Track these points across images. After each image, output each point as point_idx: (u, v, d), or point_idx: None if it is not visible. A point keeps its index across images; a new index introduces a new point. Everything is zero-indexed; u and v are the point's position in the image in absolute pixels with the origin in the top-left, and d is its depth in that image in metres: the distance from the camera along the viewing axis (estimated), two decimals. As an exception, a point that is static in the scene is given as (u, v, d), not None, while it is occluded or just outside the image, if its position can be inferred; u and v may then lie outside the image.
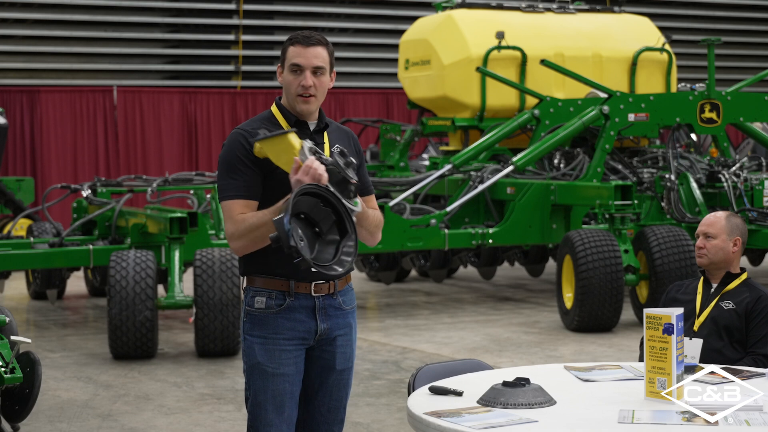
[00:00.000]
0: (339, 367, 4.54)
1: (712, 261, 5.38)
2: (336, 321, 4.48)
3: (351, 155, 4.37)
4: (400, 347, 10.56)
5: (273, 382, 4.40)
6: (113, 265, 10.07)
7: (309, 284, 4.40)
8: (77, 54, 19.59)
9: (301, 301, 4.40)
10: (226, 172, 4.40)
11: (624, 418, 3.67)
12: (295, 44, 4.45)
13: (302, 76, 4.41)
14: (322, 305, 4.44)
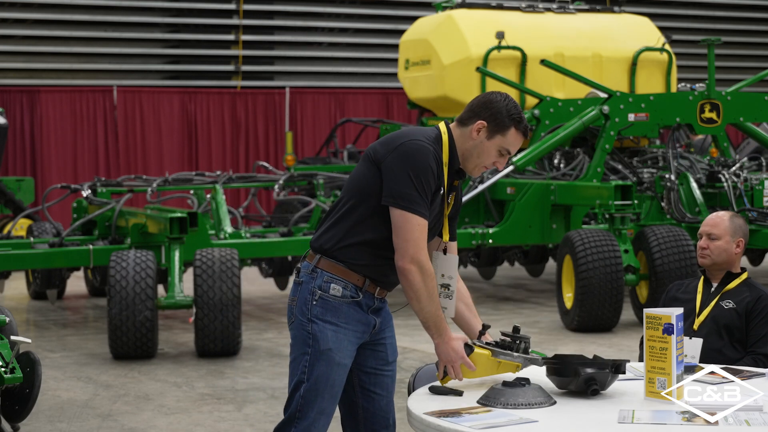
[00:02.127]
0: (391, 358, 4.61)
1: (715, 262, 5.37)
2: (383, 315, 4.57)
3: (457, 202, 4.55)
4: (400, 347, 10.45)
5: (336, 371, 4.40)
6: (113, 265, 10.06)
7: (376, 287, 4.47)
8: (77, 54, 19.60)
9: (366, 299, 4.44)
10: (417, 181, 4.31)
11: (624, 418, 3.67)
12: (520, 132, 4.42)
13: (502, 160, 4.42)
14: (378, 306, 4.51)
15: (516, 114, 4.36)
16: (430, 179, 4.29)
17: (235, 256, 10.40)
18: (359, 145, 17.35)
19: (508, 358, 4.05)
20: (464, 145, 4.38)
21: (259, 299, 13.73)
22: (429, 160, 4.28)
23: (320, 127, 20.26)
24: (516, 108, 4.39)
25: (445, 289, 4.48)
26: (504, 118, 4.35)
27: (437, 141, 4.37)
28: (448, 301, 4.47)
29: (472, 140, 4.37)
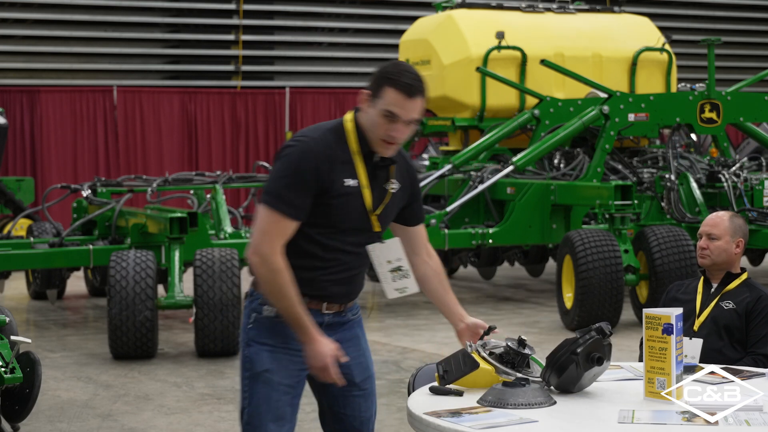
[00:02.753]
0: (358, 379, 4.42)
1: (715, 262, 5.37)
2: (342, 334, 4.35)
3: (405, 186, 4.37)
4: (400, 347, 10.56)
5: (277, 392, 4.24)
6: (113, 265, 10.06)
7: (321, 302, 4.29)
8: (77, 54, 19.60)
9: (313, 316, 4.21)
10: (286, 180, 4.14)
11: (624, 418, 3.67)
12: (398, 90, 4.11)
13: (394, 126, 4.14)
14: (330, 321, 4.32)
15: (393, 73, 4.12)
16: (307, 177, 4.10)
17: (235, 256, 10.40)
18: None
19: (511, 377, 4.02)
20: (364, 125, 4.20)
21: (259, 299, 13.68)
22: (303, 159, 4.11)
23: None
24: (396, 68, 4.15)
25: (398, 271, 4.40)
26: (380, 79, 4.12)
27: (334, 133, 4.21)
28: (405, 280, 4.42)
29: (366, 114, 4.18)
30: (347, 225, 4.24)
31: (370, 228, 4.30)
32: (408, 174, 4.42)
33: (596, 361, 3.95)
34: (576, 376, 3.96)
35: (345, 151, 4.20)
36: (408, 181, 4.41)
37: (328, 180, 4.15)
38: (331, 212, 4.19)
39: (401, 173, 4.38)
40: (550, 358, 4.00)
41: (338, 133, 4.22)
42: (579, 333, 4.00)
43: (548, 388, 3.99)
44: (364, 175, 4.24)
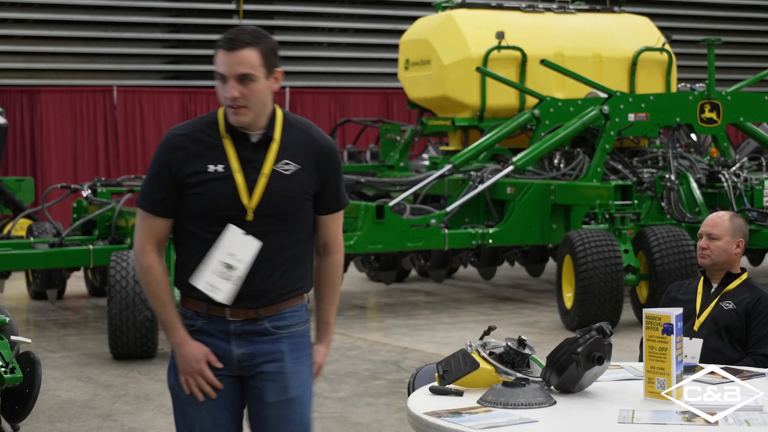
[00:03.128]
0: (270, 399, 4.01)
1: (715, 262, 5.37)
2: (260, 347, 3.99)
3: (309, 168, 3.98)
4: (400, 347, 10.57)
5: (188, 409, 4.01)
6: (113, 265, 10.07)
7: (223, 308, 3.96)
8: (77, 54, 19.59)
9: (216, 324, 3.97)
10: (148, 176, 4.03)
11: (624, 418, 3.67)
12: (219, 48, 3.91)
13: (226, 87, 3.89)
14: (240, 330, 3.98)
15: (222, 37, 3.94)
16: (163, 170, 3.93)
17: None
18: (359, 145, 17.36)
19: (511, 377, 4.02)
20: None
21: (259, 299, 13.69)
22: (161, 152, 3.97)
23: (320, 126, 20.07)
24: (228, 33, 3.94)
25: (229, 269, 3.92)
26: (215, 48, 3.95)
27: (207, 120, 4.03)
28: (224, 282, 3.93)
29: None
30: (220, 214, 3.94)
31: (243, 217, 3.94)
32: (315, 155, 4.03)
33: (596, 361, 3.95)
34: (576, 376, 3.96)
35: (214, 136, 3.97)
36: (314, 162, 4.02)
37: (186, 169, 3.93)
38: (200, 202, 3.93)
39: (302, 153, 4.00)
40: (550, 358, 4.00)
41: (210, 119, 4.02)
42: (579, 333, 4.00)
43: (548, 388, 3.99)
44: (235, 158, 3.96)
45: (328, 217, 4.11)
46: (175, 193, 3.95)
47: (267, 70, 3.92)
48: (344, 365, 9.78)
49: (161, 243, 4.02)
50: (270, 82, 3.94)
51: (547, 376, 3.99)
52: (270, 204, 3.94)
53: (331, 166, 4.05)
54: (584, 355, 3.93)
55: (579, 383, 3.99)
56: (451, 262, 14.14)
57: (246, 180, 3.93)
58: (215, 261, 3.91)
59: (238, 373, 4.00)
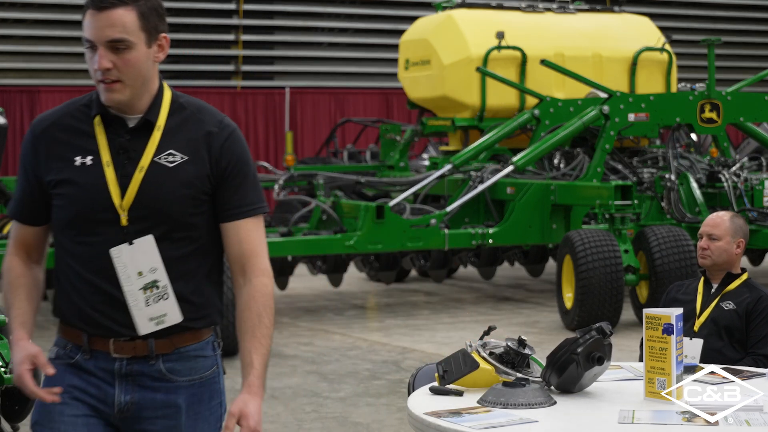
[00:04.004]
0: None
1: (716, 262, 5.37)
2: (151, 396, 3.23)
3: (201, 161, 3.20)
4: (400, 347, 10.57)
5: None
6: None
7: (107, 340, 3.20)
8: (77, 54, 19.57)
9: (99, 361, 3.21)
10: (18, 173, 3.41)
11: (624, 418, 3.66)
12: (87, 9, 3.14)
13: (95, 57, 3.14)
14: (127, 370, 3.21)
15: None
16: (25, 166, 3.35)
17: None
18: (359, 145, 17.35)
19: (511, 377, 4.01)
20: None
21: (259, 299, 13.68)
22: (23, 143, 3.39)
23: (320, 127, 20.26)
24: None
25: (153, 289, 3.19)
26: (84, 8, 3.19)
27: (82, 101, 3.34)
28: (163, 303, 3.20)
29: None
30: (89, 219, 3.18)
31: (117, 221, 3.16)
32: (208, 143, 3.24)
33: (596, 361, 3.94)
34: (576, 376, 3.95)
35: (85, 121, 3.25)
36: (206, 152, 3.22)
37: (47, 163, 3.26)
38: (64, 205, 3.21)
39: (192, 141, 3.22)
40: (550, 358, 3.99)
41: (84, 100, 3.31)
42: (579, 333, 3.99)
43: (548, 388, 3.98)
44: (106, 147, 3.19)
45: (235, 226, 3.26)
46: (37, 197, 3.28)
47: (148, 34, 3.14)
48: (344, 365, 9.78)
49: (32, 249, 3.32)
50: (153, 50, 3.17)
51: (547, 377, 3.98)
52: (147, 204, 3.16)
53: (229, 155, 3.25)
54: (584, 355, 3.91)
55: (579, 383, 3.98)
56: (451, 262, 14.14)
57: (118, 174, 3.17)
58: (135, 294, 3.18)
59: (117, 423, 3.24)
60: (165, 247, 3.17)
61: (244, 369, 3.31)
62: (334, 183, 13.53)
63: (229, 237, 3.26)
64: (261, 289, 3.29)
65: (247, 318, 3.30)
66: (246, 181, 3.27)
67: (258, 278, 3.29)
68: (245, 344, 3.30)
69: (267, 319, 3.30)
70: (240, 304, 3.30)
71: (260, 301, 3.29)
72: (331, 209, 12.57)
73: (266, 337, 3.31)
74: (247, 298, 3.29)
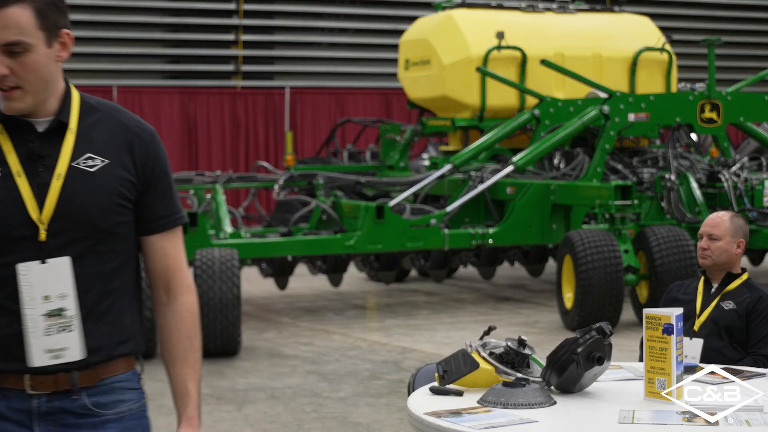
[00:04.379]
0: None
1: (716, 262, 5.37)
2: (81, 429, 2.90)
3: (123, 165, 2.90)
4: (400, 347, 10.58)
5: None
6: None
7: (21, 377, 2.85)
8: (77, 54, 19.56)
9: (12, 401, 2.85)
10: None
11: (624, 418, 3.67)
12: None
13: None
14: (47, 408, 2.87)
15: None
16: None
17: (235, 256, 10.43)
18: (359, 145, 17.37)
19: (511, 377, 4.01)
20: None
21: (258, 299, 13.75)
22: None
23: (320, 127, 20.28)
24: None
25: (58, 317, 2.83)
26: None
27: None
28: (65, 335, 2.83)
29: None
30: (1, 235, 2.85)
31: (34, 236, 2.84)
32: (129, 145, 2.94)
33: (597, 361, 3.94)
34: (576, 376, 3.96)
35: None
36: (128, 155, 2.93)
37: None
38: None
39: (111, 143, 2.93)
40: (550, 358, 4.00)
41: None
42: (579, 333, 3.99)
43: (548, 388, 3.98)
44: (14, 156, 2.87)
45: (160, 238, 2.99)
46: None
47: (47, 33, 2.83)
48: (344, 365, 9.80)
49: None
50: (54, 49, 2.86)
51: (547, 376, 3.98)
52: (70, 215, 2.85)
53: (155, 159, 2.97)
54: (584, 355, 3.92)
55: (579, 383, 3.99)
56: (451, 262, 14.17)
57: (33, 184, 2.85)
58: (36, 320, 2.81)
59: None
60: (89, 263, 2.86)
61: (180, 399, 3.09)
62: (334, 183, 13.55)
63: (153, 250, 2.99)
64: (189, 308, 3.02)
65: (177, 342, 3.05)
66: (170, 187, 3.00)
67: (184, 296, 3.02)
68: (178, 371, 3.08)
69: (197, 341, 3.07)
70: (166, 324, 3.04)
71: (189, 322, 3.03)
72: (331, 209, 12.60)
73: (198, 361, 3.09)
74: (176, 319, 3.02)
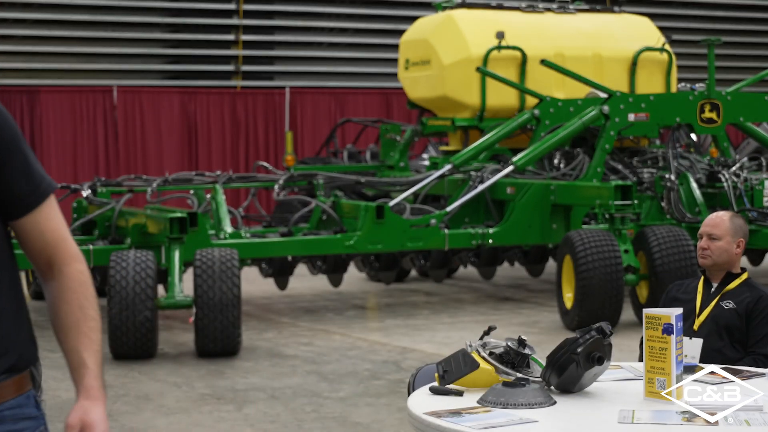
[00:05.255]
0: None
1: (716, 262, 5.37)
2: None
3: None
4: (400, 347, 10.60)
5: None
6: (113, 265, 10.11)
7: None
8: (77, 54, 19.62)
9: None
10: None
11: (624, 418, 3.68)
12: None
13: None
14: None
15: None
16: None
17: (235, 256, 10.46)
18: (359, 145, 17.39)
19: (511, 377, 4.03)
20: None
21: (258, 299, 13.77)
22: None
23: (320, 127, 20.30)
24: None
25: None
26: None
27: None
28: None
29: None
30: None
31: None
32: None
33: (596, 361, 3.95)
34: (576, 376, 3.97)
35: None
36: None
37: None
38: None
39: None
40: (550, 358, 4.01)
41: None
42: (579, 333, 4.00)
43: (548, 388, 4.00)
44: None
45: (33, 217, 2.69)
46: None
47: None
48: (344, 365, 9.82)
49: None
50: None
51: (547, 376, 3.99)
52: None
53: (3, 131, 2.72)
54: (584, 355, 3.93)
55: (579, 383, 4.00)
56: (451, 262, 14.19)
57: None
58: None
59: None
60: None
61: (76, 371, 2.68)
62: (334, 183, 13.57)
63: (28, 232, 2.65)
64: (77, 277, 2.67)
65: (67, 313, 2.68)
66: (27, 158, 2.64)
67: (70, 266, 2.66)
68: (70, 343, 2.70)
69: (92, 310, 2.68)
70: (53, 299, 2.67)
71: (79, 291, 2.67)
72: (331, 209, 12.61)
73: (94, 330, 2.69)
74: (62, 290, 2.65)
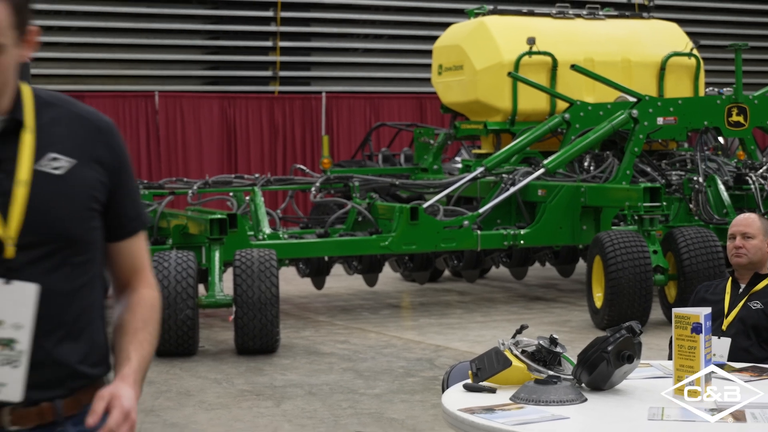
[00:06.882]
0: None
1: (752, 260, 5.38)
2: None
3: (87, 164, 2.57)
4: (433, 345, 10.65)
5: None
6: (155, 265, 10.12)
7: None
8: (120, 60, 19.77)
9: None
10: None
11: (654, 415, 3.66)
12: None
13: None
14: None
15: None
16: None
17: (273, 256, 10.51)
18: (393, 148, 17.39)
19: (542, 375, 4.01)
20: None
21: (296, 298, 13.79)
22: None
23: (355, 130, 20.30)
24: None
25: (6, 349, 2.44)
26: None
27: None
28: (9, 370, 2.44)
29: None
30: None
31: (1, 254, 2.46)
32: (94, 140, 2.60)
33: (627, 359, 3.94)
34: (607, 374, 3.96)
35: None
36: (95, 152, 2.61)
37: None
38: None
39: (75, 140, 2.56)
40: (581, 356, 4.00)
41: None
42: (609, 332, 4.00)
43: (579, 385, 3.99)
44: None
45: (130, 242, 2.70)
46: None
47: (19, 31, 2.43)
48: (379, 363, 9.86)
49: None
50: (22, 49, 2.47)
51: (578, 374, 3.99)
52: (40, 226, 2.48)
53: (120, 156, 2.69)
54: (614, 353, 3.91)
55: (609, 381, 3.99)
56: (483, 262, 14.13)
57: None
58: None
59: None
60: (62, 278, 2.50)
61: (119, 365, 2.61)
62: (370, 185, 13.60)
63: (122, 255, 2.68)
64: (149, 299, 2.71)
65: (129, 320, 2.66)
66: (135, 187, 2.77)
67: (146, 289, 2.71)
68: (122, 344, 2.62)
69: (152, 328, 2.67)
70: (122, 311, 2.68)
71: (147, 308, 2.69)
72: (367, 211, 12.59)
73: (149, 342, 2.65)
74: (132, 303, 2.68)
